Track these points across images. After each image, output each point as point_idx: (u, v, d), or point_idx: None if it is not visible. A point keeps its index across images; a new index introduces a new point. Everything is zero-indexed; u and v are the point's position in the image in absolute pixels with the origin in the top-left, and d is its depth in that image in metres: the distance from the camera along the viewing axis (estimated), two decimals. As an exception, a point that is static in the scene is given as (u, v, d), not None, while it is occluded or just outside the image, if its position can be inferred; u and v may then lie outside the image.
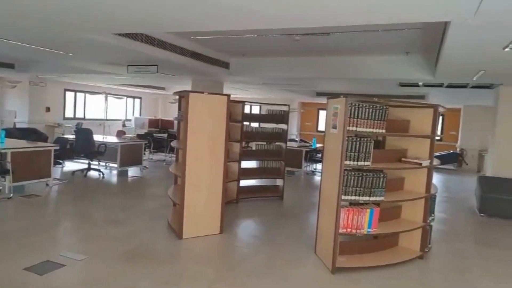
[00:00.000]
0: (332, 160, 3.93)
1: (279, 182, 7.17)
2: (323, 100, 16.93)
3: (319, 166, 11.26)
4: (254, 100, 15.31)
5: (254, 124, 7.06)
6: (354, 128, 3.74)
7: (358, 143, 3.73)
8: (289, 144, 9.76)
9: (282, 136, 6.96)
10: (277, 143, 7.01)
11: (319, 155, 10.76)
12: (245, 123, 6.43)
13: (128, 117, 16.15)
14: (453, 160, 13.18)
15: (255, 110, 16.20)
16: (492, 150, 7.51)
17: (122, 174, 8.46)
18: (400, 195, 4.28)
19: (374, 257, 4.12)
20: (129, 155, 8.61)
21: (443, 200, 7.87)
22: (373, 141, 3.81)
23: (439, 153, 13.10)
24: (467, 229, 5.94)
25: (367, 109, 3.76)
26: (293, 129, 16.20)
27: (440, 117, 14.82)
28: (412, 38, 5.51)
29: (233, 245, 4.56)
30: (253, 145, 7.15)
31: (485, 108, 12.71)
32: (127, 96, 16.56)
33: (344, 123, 3.69)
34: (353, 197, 3.80)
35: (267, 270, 3.82)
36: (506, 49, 3.74)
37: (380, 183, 3.84)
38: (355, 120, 3.74)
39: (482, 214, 6.61)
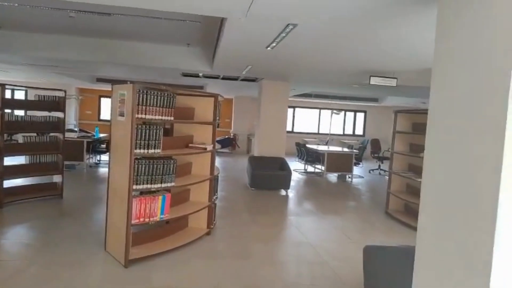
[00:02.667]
0: (121, 149, 3.75)
1: (57, 178, 6.29)
2: (105, 86, 15.74)
3: (103, 157, 10.54)
4: (17, 83, 12.73)
5: (19, 113, 5.89)
6: (143, 116, 3.69)
7: (147, 130, 3.70)
8: (67, 135, 8.68)
9: (58, 125, 6.10)
10: (52, 134, 6.10)
11: (103, 146, 10.07)
12: (6, 111, 5.27)
13: None
14: (228, 144, 14.96)
15: (19, 95, 13.53)
16: (258, 134, 8.96)
17: None
18: (189, 179, 4.53)
19: (167, 242, 4.24)
20: None
21: (222, 180, 8.85)
22: (162, 129, 3.86)
23: (217, 138, 14.59)
24: (242, 202, 6.90)
25: (155, 97, 3.76)
26: (70, 118, 14.44)
27: (217, 106, 16.51)
28: (193, 30, 5.83)
29: (-2, 260, 3.72)
30: (20, 138, 5.96)
31: (252, 98, 14.99)
32: None
33: (132, 110, 3.57)
34: (145, 186, 3.76)
35: (47, 280, 3.32)
36: (268, 48, 4.50)
37: (171, 170, 3.95)
38: (144, 107, 3.68)
39: (252, 188, 7.83)
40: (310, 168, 11.12)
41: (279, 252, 4.51)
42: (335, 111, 11.13)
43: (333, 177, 10.30)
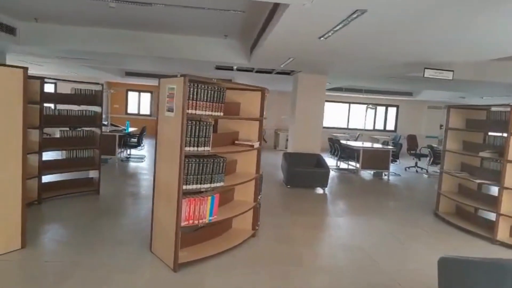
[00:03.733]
0: (170, 147, 3.53)
1: (93, 173, 6.18)
2: (133, 80, 15.58)
3: (133, 151, 10.48)
4: (47, 76, 12.84)
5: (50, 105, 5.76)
6: (193, 111, 3.45)
7: (198, 127, 3.46)
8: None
9: (95, 120, 5.97)
10: (88, 129, 5.98)
11: (134, 140, 9.99)
12: (46, 105, 5.17)
13: None
14: (256, 139, 14.70)
15: (49, 89, 13.63)
16: (292, 129, 8.64)
17: None
18: (235, 178, 4.28)
19: (214, 245, 4.02)
20: None
21: (256, 176, 8.61)
22: (212, 125, 3.62)
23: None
24: (280, 201, 6.63)
25: (206, 91, 3.52)
26: (99, 111, 14.48)
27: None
28: (233, 21, 5.55)
29: (42, 261, 3.57)
30: (57, 132, 5.86)
31: (279, 92, 14.65)
32: None
33: (183, 105, 3.33)
34: (194, 186, 3.53)
35: (96, 284, 3.15)
36: (321, 38, 4.18)
37: (221, 169, 3.71)
38: (194, 102, 3.45)
39: (288, 186, 7.55)
40: (342, 165, 10.75)
41: (330, 257, 4.23)
42: (370, 105, 10.68)
43: (367, 174, 9.91)
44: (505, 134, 4.75)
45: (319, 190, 7.54)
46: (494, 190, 5.54)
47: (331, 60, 6.10)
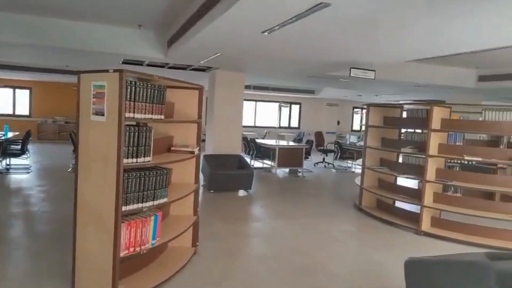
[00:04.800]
0: (100, 159, 2.80)
1: (-31, 194, 4.80)
2: (5, 74, 13.05)
3: (15, 161, 8.70)
4: None
5: None
6: (131, 115, 2.80)
7: (137, 133, 2.82)
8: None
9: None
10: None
11: (16, 147, 8.28)
12: None
13: None
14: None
15: None
16: (211, 129, 8.14)
17: None
18: (173, 190, 3.67)
19: (154, 272, 3.40)
20: None
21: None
22: (152, 131, 3.01)
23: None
24: (208, 208, 6.11)
25: (145, 89, 2.90)
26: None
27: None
28: (151, 8, 4.85)
29: None
30: None
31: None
32: None
33: (120, 108, 2.66)
34: (135, 206, 2.89)
35: None
36: (265, 33, 3.85)
37: (164, 182, 3.12)
38: (132, 103, 2.80)
39: (211, 191, 7.07)
40: (257, 164, 10.68)
41: (281, 267, 3.94)
42: (282, 103, 10.86)
43: (283, 172, 10.02)
44: (419, 130, 5.13)
45: (243, 193, 7.27)
46: (409, 183, 6.04)
47: (261, 57, 5.80)
